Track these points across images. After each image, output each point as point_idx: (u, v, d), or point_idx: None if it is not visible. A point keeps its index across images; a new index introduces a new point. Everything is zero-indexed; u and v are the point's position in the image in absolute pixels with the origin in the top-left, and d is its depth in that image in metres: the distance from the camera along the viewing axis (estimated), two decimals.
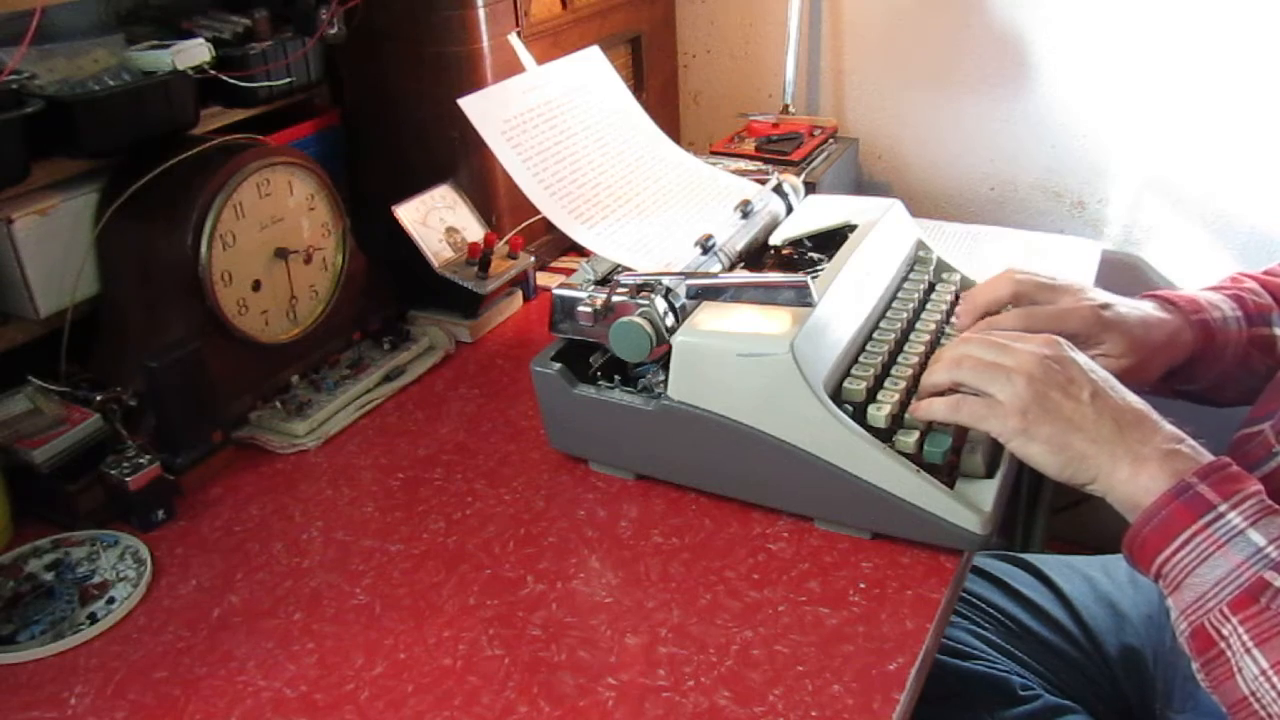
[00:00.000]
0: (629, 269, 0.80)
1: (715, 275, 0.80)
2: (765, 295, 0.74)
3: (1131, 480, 0.62)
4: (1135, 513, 0.62)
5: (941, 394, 0.71)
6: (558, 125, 0.89)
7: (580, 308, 0.77)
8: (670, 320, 0.74)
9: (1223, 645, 0.58)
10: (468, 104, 0.83)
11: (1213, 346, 0.80)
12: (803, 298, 0.73)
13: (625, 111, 0.98)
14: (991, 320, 0.78)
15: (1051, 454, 0.64)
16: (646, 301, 0.74)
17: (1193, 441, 0.64)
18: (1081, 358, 0.68)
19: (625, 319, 0.74)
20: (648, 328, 0.73)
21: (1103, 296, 0.79)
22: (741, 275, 0.81)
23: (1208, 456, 0.62)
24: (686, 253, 0.82)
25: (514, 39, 0.98)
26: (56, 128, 0.77)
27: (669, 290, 0.75)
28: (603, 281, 0.82)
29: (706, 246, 0.83)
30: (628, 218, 0.86)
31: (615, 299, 0.76)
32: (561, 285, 0.81)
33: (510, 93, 0.88)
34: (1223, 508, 0.59)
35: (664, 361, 0.75)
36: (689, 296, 0.76)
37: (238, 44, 0.90)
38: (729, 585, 0.70)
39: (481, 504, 0.80)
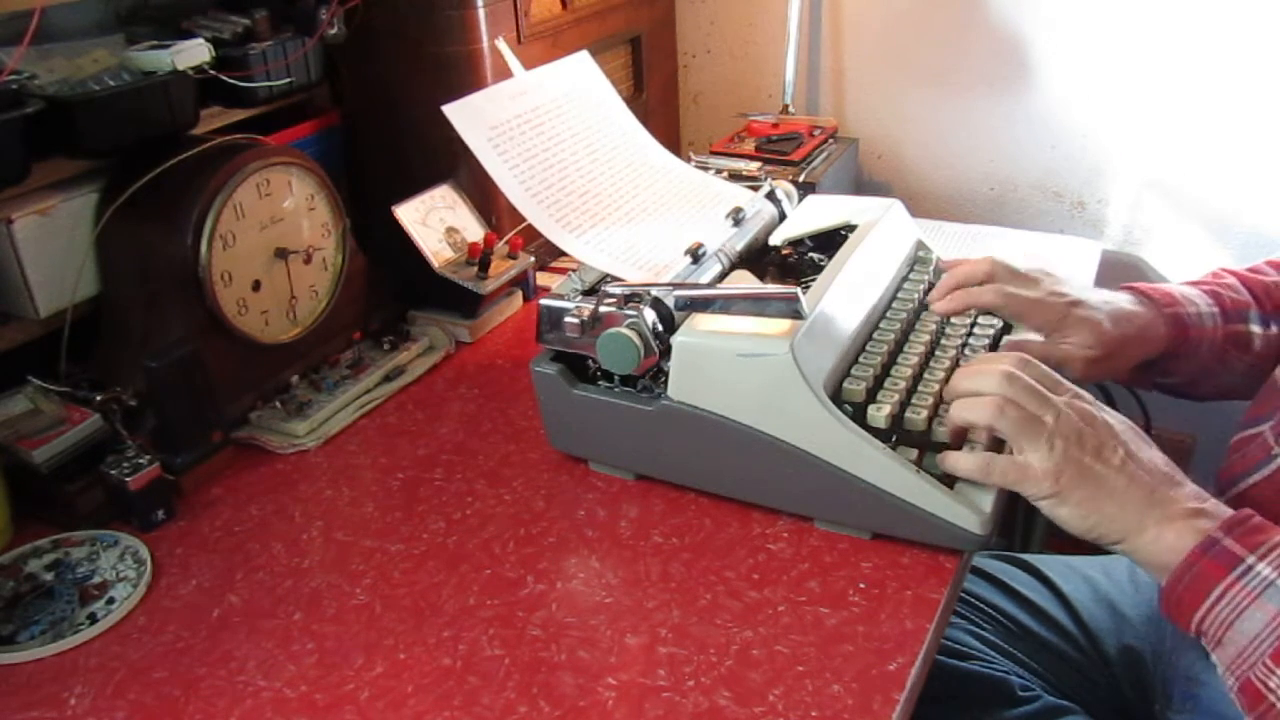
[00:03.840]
0: (617, 278, 0.79)
1: (704, 286, 0.78)
2: (755, 307, 0.72)
3: (1157, 540, 0.62)
4: (1164, 572, 0.62)
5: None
6: (545, 131, 0.88)
7: (567, 318, 0.76)
8: (659, 331, 0.73)
9: (1272, 698, 0.58)
10: (452, 110, 0.81)
11: (1187, 341, 0.80)
12: (792, 309, 0.71)
13: (615, 117, 0.96)
14: (969, 293, 0.79)
15: (1082, 517, 0.64)
16: (634, 312, 0.73)
17: (1215, 500, 0.64)
18: (1114, 417, 0.68)
19: (612, 330, 0.73)
20: (636, 339, 0.72)
21: (1073, 291, 0.79)
22: (731, 287, 0.79)
23: (1228, 512, 0.62)
24: (677, 262, 0.81)
25: (502, 44, 0.97)
26: (56, 128, 0.77)
27: (658, 301, 0.74)
28: (590, 291, 0.81)
29: (697, 255, 0.82)
30: (617, 225, 0.85)
31: (603, 309, 0.75)
32: (548, 295, 0.79)
33: (497, 99, 0.86)
34: (1251, 560, 0.59)
35: (653, 371, 0.74)
36: (678, 308, 0.75)
37: (238, 44, 0.90)
38: (729, 585, 0.70)
39: (481, 504, 0.80)
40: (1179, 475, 0.65)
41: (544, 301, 0.79)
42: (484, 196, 1.09)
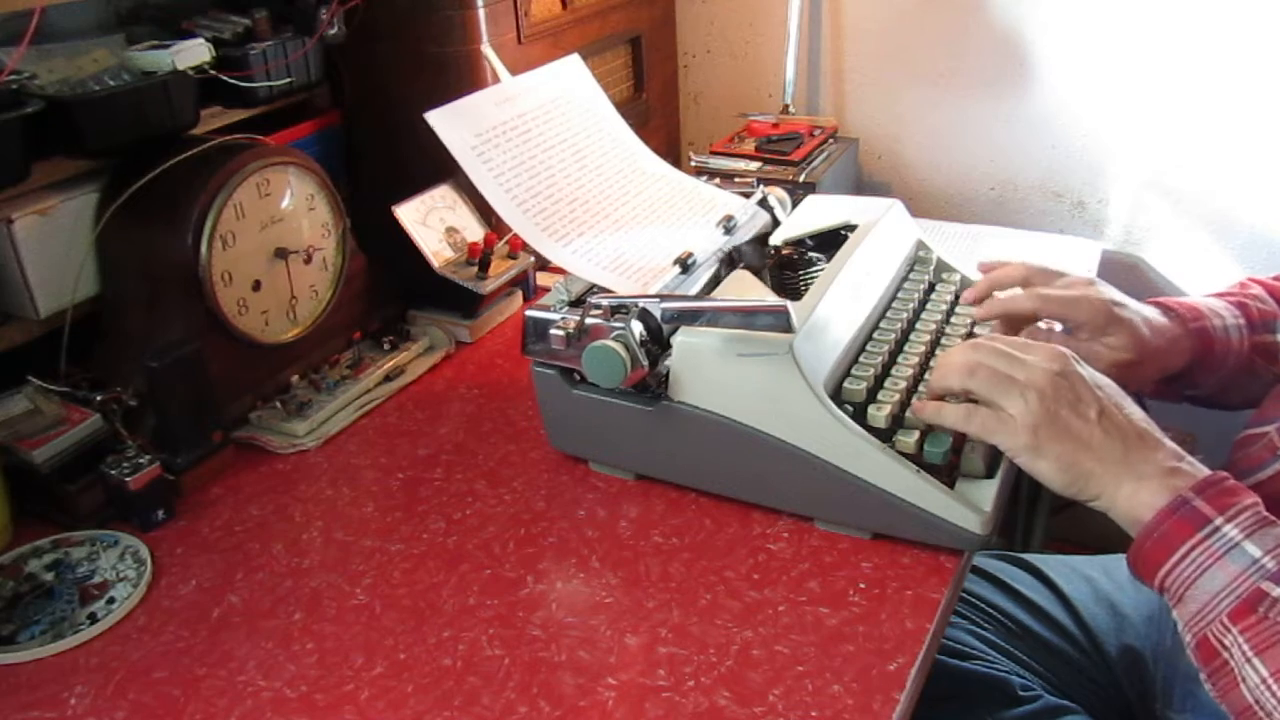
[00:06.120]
0: (605, 289, 0.78)
1: (692, 297, 0.78)
2: (744, 320, 0.72)
3: (1133, 497, 0.63)
4: (1136, 528, 0.63)
5: (947, 398, 0.71)
6: (532, 139, 0.86)
7: (553, 330, 0.75)
8: (647, 344, 0.72)
9: (1226, 655, 0.59)
10: (435, 118, 0.80)
11: (1211, 355, 0.80)
12: (782, 323, 0.70)
13: (604, 122, 0.95)
14: (1006, 301, 0.79)
15: (1059, 471, 0.65)
16: (622, 324, 0.72)
17: (1192, 459, 0.64)
18: (1088, 372, 0.68)
19: (599, 343, 0.72)
20: (622, 352, 0.71)
21: (1113, 293, 0.79)
22: (720, 299, 0.78)
23: (1205, 472, 0.63)
24: (666, 271, 0.80)
25: (488, 50, 0.97)
26: (56, 128, 0.77)
27: (645, 312, 0.73)
28: (577, 302, 0.79)
29: (686, 265, 0.81)
30: (605, 234, 0.84)
31: (589, 321, 0.74)
32: (534, 306, 0.78)
33: (482, 106, 0.85)
34: (1219, 521, 0.60)
35: (639, 386, 0.74)
36: (665, 320, 0.74)
37: (238, 44, 0.90)
38: (729, 585, 0.70)
39: (481, 504, 0.80)
40: (1156, 433, 0.66)
41: (529, 313, 0.78)
42: (483, 196, 1.09)
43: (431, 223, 1.03)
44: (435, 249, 1.02)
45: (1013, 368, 0.67)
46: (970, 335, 0.84)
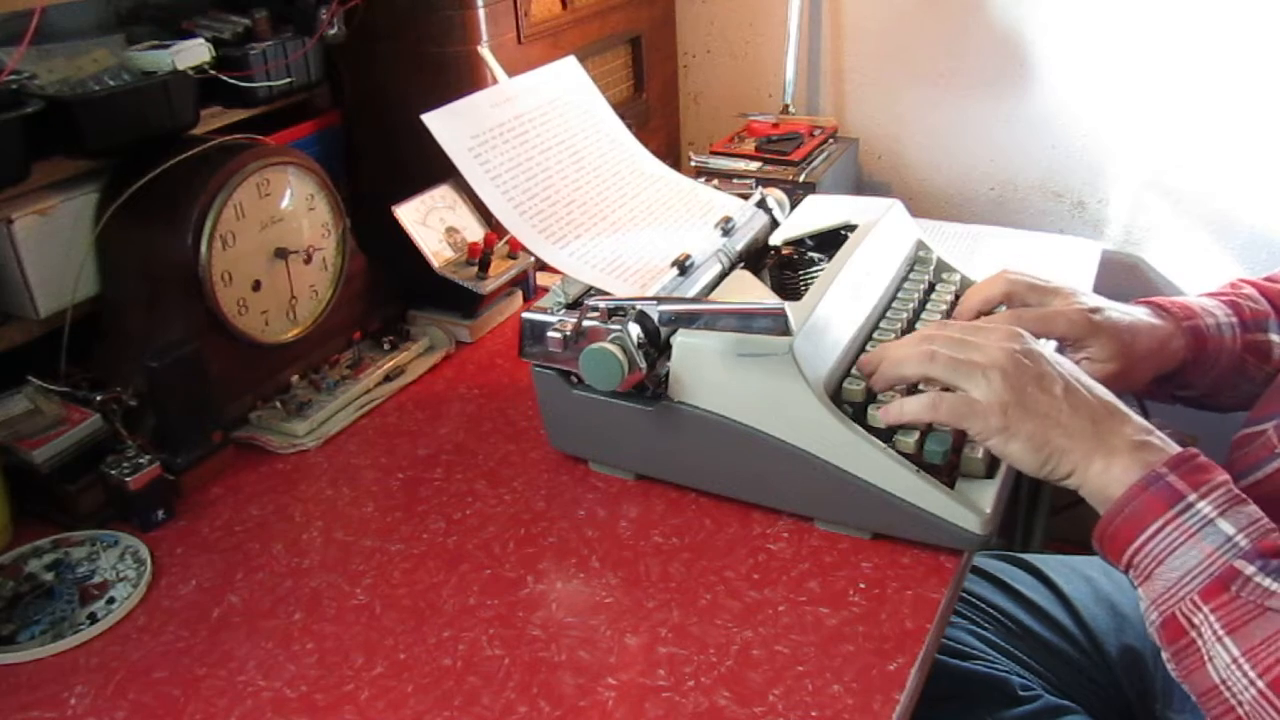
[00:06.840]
0: (602, 292, 0.78)
1: (690, 300, 0.77)
2: (741, 323, 0.71)
3: (1104, 473, 0.62)
4: (1106, 504, 0.62)
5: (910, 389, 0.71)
6: (529, 140, 0.86)
7: (550, 333, 0.75)
8: (645, 346, 0.72)
9: (1193, 634, 0.59)
10: (432, 120, 0.79)
11: (1205, 353, 0.80)
12: (779, 325, 0.70)
13: (602, 124, 0.95)
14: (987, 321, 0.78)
15: (1032, 451, 0.64)
16: (619, 327, 0.72)
17: (1161, 433, 0.64)
18: (1047, 349, 0.68)
19: (596, 345, 0.71)
20: (619, 355, 0.71)
21: (1094, 300, 0.79)
22: (717, 301, 0.78)
23: (1176, 448, 0.63)
24: (664, 273, 0.80)
25: (485, 52, 0.97)
26: (56, 128, 0.77)
27: (643, 315, 0.73)
28: (574, 305, 0.79)
29: (684, 267, 0.80)
30: (603, 235, 0.83)
31: (586, 324, 0.74)
32: (530, 309, 0.78)
33: (479, 107, 0.84)
34: (1192, 497, 0.59)
35: (636, 388, 0.74)
36: (663, 322, 0.74)
37: (238, 44, 0.90)
38: (729, 585, 0.70)
39: (481, 504, 0.80)
40: (1123, 407, 0.66)
41: (526, 315, 0.78)
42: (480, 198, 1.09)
43: (431, 223, 1.03)
44: (435, 249, 1.02)
45: (970, 351, 0.66)
46: None
